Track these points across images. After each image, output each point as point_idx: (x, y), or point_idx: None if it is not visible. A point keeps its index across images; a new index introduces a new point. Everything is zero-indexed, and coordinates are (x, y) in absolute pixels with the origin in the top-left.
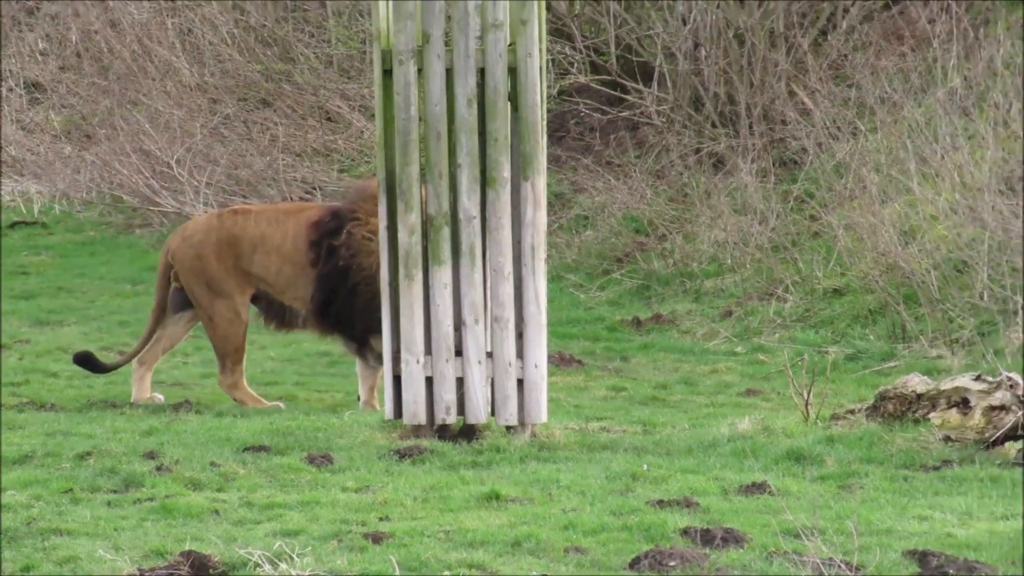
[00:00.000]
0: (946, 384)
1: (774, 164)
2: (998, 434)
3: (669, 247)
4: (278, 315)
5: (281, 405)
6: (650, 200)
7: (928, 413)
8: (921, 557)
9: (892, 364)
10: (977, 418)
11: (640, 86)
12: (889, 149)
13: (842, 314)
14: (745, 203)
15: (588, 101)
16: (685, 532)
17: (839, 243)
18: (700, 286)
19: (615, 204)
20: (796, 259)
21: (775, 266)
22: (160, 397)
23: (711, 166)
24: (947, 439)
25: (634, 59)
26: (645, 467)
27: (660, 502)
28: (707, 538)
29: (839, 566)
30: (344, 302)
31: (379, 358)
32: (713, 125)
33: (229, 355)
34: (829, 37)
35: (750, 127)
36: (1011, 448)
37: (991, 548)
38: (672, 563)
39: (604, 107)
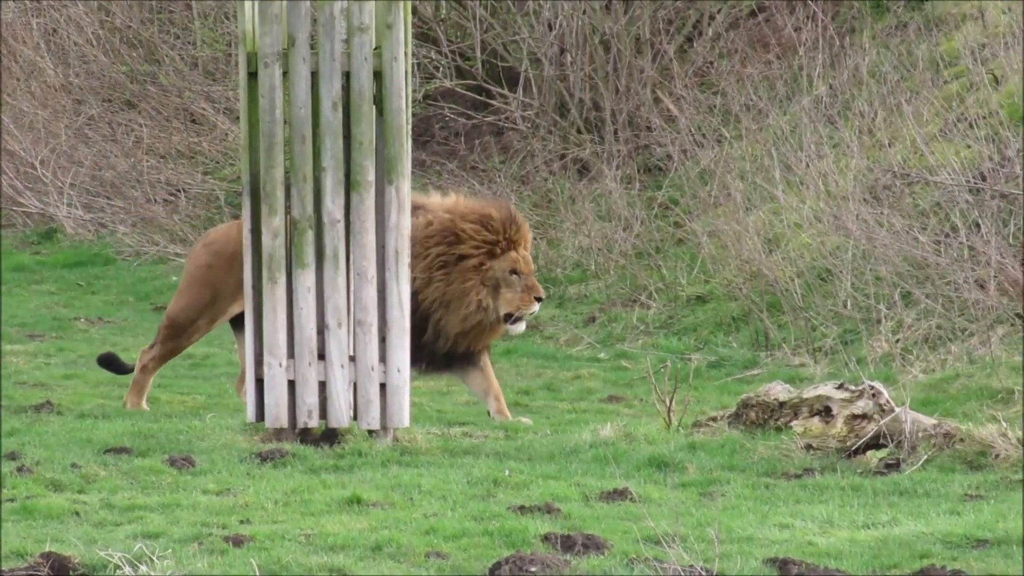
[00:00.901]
0: (808, 392)
1: (639, 170)
2: (860, 443)
3: (534, 253)
4: None
5: (145, 407)
6: (515, 205)
7: (790, 421)
8: (782, 565)
9: (755, 372)
10: (839, 427)
11: (506, 91)
12: (754, 156)
13: (705, 321)
14: (610, 209)
15: (453, 106)
16: (546, 538)
17: (703, 250)
18: (564, 292)
19: None
20: (660, 266)
21: (639, 273)
22: (146, 407)
23: (576, 172)
24: (809, 447)
25: (500, 64)
26: (507, 472)
27: (521, 508)
28: (568, 544)
29: (700, 573)
30: None
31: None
32: (578, 131)
33: (166, 341)
34: (695, 44)
35: (615, 133)
36: (872, 457)
37: (852, 556)
38: (533, 569)
39: (469, 112)
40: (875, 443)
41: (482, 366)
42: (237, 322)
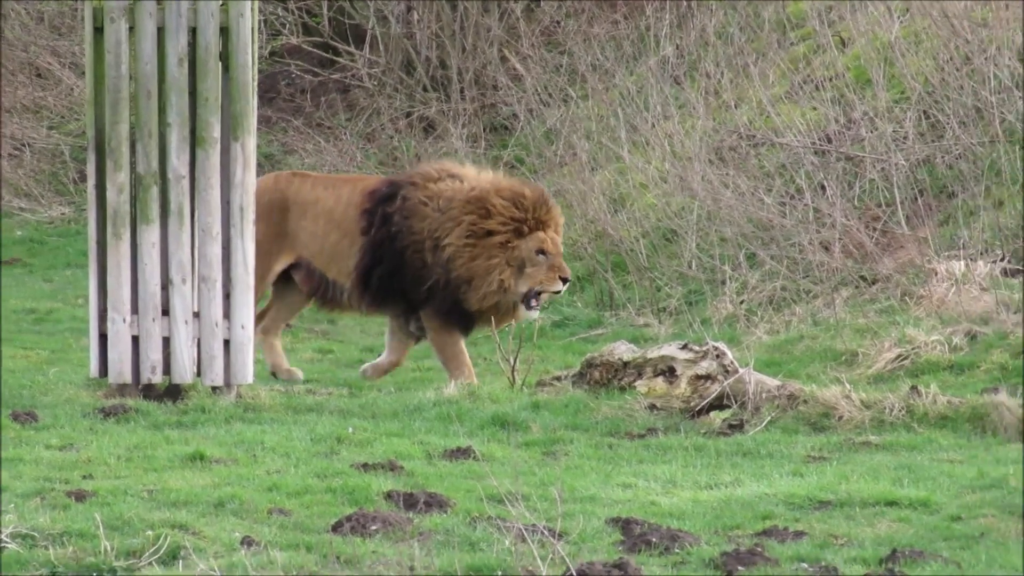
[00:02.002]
0: (653, 353)
1: (485, 129)
2: (703, 403)
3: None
4: (321, 290)
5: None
6: (360, 163)
7: (634, 381)
8: (624, 525)
9: (599, 331)
10: (683, 387)
11: (352, 48)
12: (600, 116)
13: None
14: None
15: (299, 63)
16: (389, 496)
17: None
18: None
19: (325, 166)
20: None
21: None
22: (299, 373)
23: (422, 130)
24: (652, 407)
25: (346, 21)
26: (350, 430)
27: (365, 465)
28: (411, 502)
29: (542, 532)
30: (390, 270)
31: (420, 334)
32: (425, 89)
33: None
34: (542, 3)
35: (461, 92)
36: (716, 417)
37: (694, 517)
38: (375, 527)
39: (315, 69)
40: (719, 404)
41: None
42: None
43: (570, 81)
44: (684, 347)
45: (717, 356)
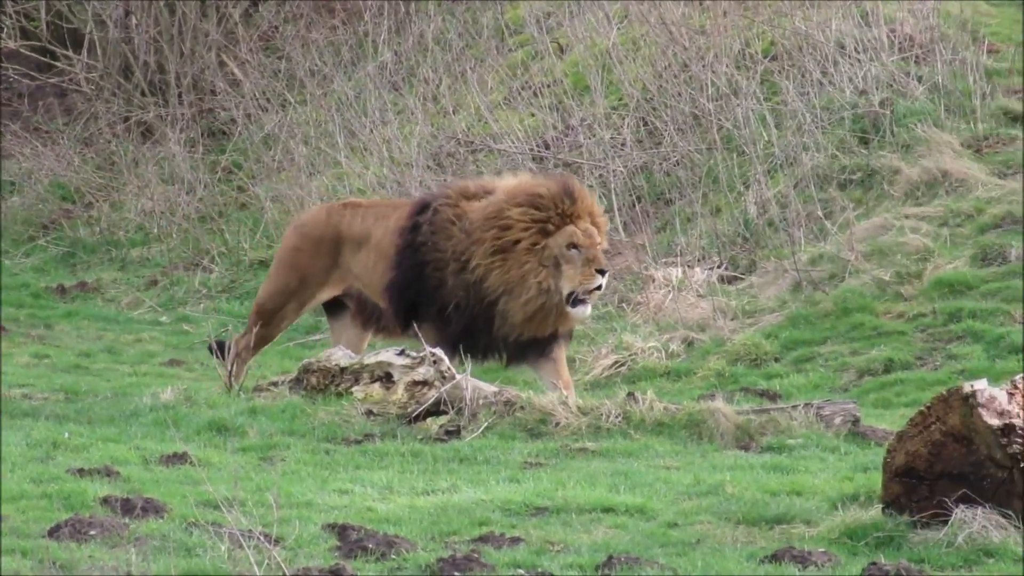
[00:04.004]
0: (370, 358)
1: (203, 134)
2: (420, 409)
3: (96, 215)
4: (366, 313)
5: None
6: (77, 168)
7: (351, 387)
8: (341, 530)
9: (316, 337)
10: (400, 393)
11: (70, 53)
12: (318, 122)
13: None
14: (173, 173)
15: (17, 67)
16: (105, 501)
17: (266, 215)
18: (126, 255)
19: (42, 171)
20: (223, 230)
21: (201, 237)
22: None
23: (140, 135)
24: (370, 413)
25: (65, 25)
26: (66, 435)
27: (81, 470)
28: (127, 507)
29: (259, 538)
30: (407, 280)
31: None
32: (143, 94)
33: (255, 328)
34: (260, 8)
35: (179, 97)
36: (433, 423)
37: (411, 523)
38: (92, 532)
39: (33, 73)
40: (436, 410)
41: (555, 357)
42: (330, 307)
43: (288, 86)
44: (401, 353)
45: (434, 362)
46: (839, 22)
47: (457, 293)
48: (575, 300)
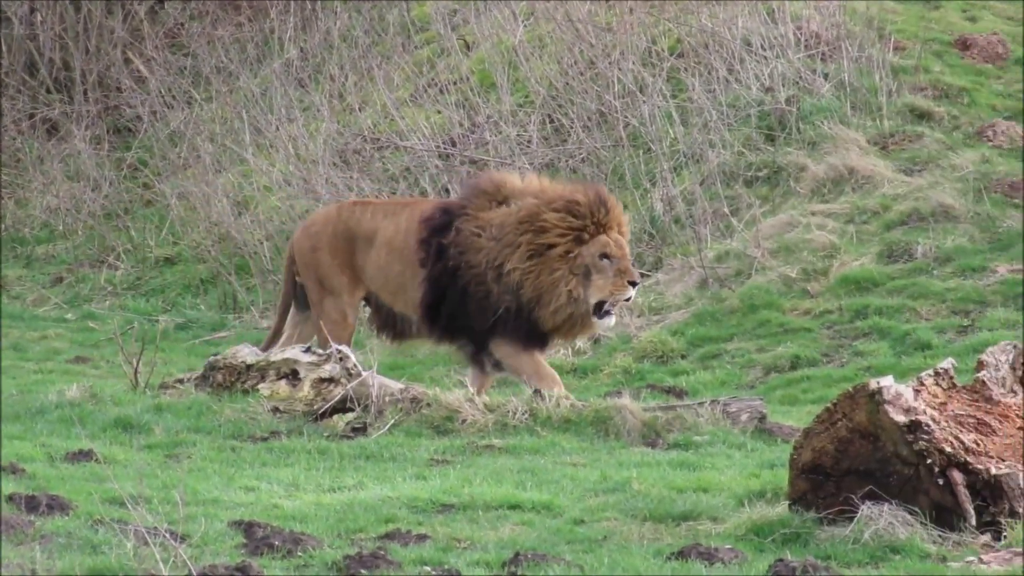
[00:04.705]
0: (276, 356)
1: (108, 131)
2: (327, 406)
3: (1, 212)
4: (389, 323)
5: None
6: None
7: (257, 384)
8: (247, 528)
9: (223, 334)
10: (306, 390)
11: None
12: (224, 119)
13: (173, 283)
14: (79, 170)
15: None
16: (10, 498)
17: (172, 212)
18: (31, 252)
19: None
20: (129, 227)
21: (107, 234)
22: None
23: (45, 132)
24: (276, 410)
25: None
26: None
27: None
28: (32, 505)
29: (164, 535)
30: (455, 305)
31: (497, 365)
32: (48, 91)
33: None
34: (166, 5)
35: (85, 94)
36: (339, 420)
37: (317, 520)
38: None
39: None
40: (342, 407)
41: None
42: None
43: (194, 83)
44: (308, 350)
45: (340, 359)
46: (745, 19)
47: (505, 299)
48: (601, 313)
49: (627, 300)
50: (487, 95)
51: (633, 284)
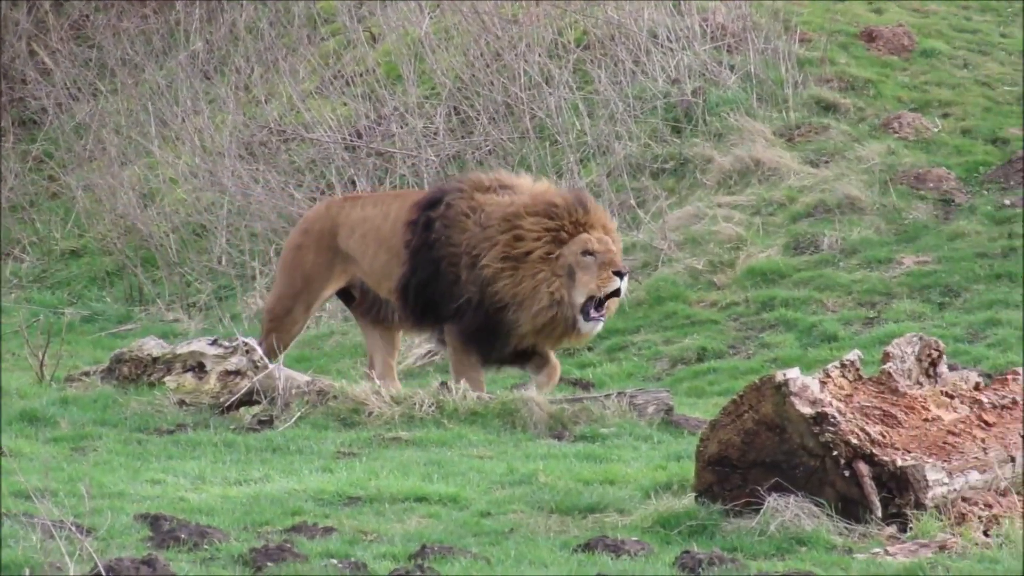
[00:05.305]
0: (182, 348)
1: (13, 123)
2: (233, 399)
3: None
4: (374, 310)
5: None
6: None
7: (164, 377)
8: (153, 521)
9: (129, 327)
10: (213, 383)
11: None
12: (130, 111)
13: (79, 275)
14: None
15: None
16: None
17: (78, 204)
18: None
19: None
20: (34, 220)
21: (12, 226)
22: None
23: None
24: (182, 403)
25: None
26: None
27: None
28: None
29: (70, 528)
30: (426, 280)
31: (449, 356)
32: None
33: (268, 335)
34: None
35: None
36: (246, 413)
37: (224, 513)
38: None
39: None
40: (248, 399)
41: (543, 351)
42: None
43: (100, 75)
44: (214, 343)
45: (247, 352)
46: (652, 11)
47: (470, 289)
48: (588, 314)
49: (616, 294)
50: (393, 87)
51: (619, 275)
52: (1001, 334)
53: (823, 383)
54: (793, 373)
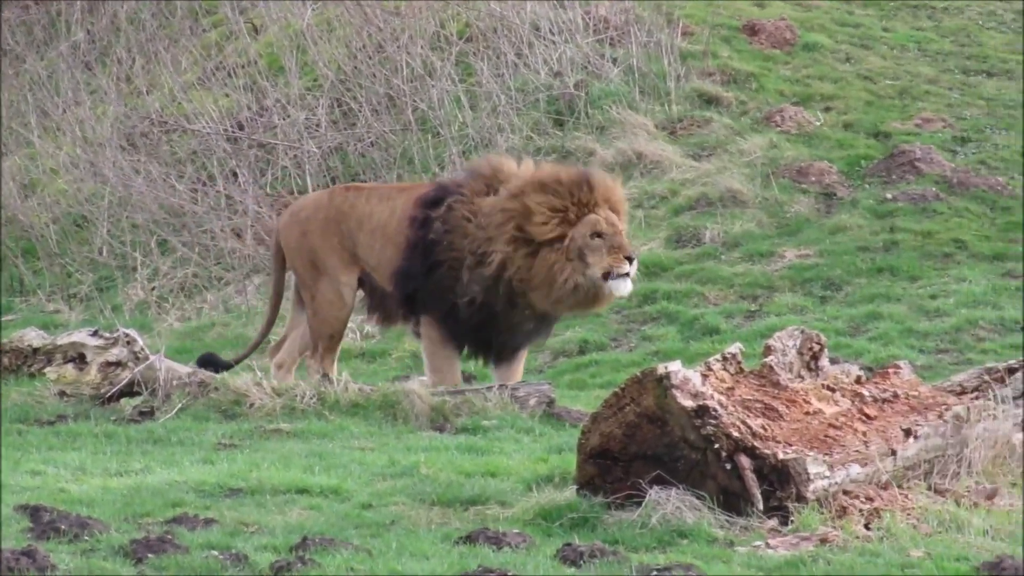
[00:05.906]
0: (63, 339)
1: None
2: (114, 390)
3: None
4: (381, 305)
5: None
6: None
7: (44, 368)
8: (33, 512)
9: (10, 318)
10: (93, 374)
11: None
12: (10, 102)
13: None
14: None
15: None
16: None
17: None
18: None
19: None
20: None
21: None
22: None
23: None
24: (63, 394)
25: None
26: None
27: None
28: None
29: None
30: (422, 275)
31: (423, 348)
32: None
33: (323, 339)
34: None
35: None
36: (126, 404)
37: (104, 504)
38: None
39: None
40: (129, 391)
41: (518, 357)
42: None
43: None
44: (95, 334)
45: (128, 343)
46: (534, 4)
47: (472, 289)
48: (611, 275)
49: (625, 275)
50: (275, 78)
51: (629, 260)
52: (882, 328)
53: (705, 376)
54: (675, 366)
